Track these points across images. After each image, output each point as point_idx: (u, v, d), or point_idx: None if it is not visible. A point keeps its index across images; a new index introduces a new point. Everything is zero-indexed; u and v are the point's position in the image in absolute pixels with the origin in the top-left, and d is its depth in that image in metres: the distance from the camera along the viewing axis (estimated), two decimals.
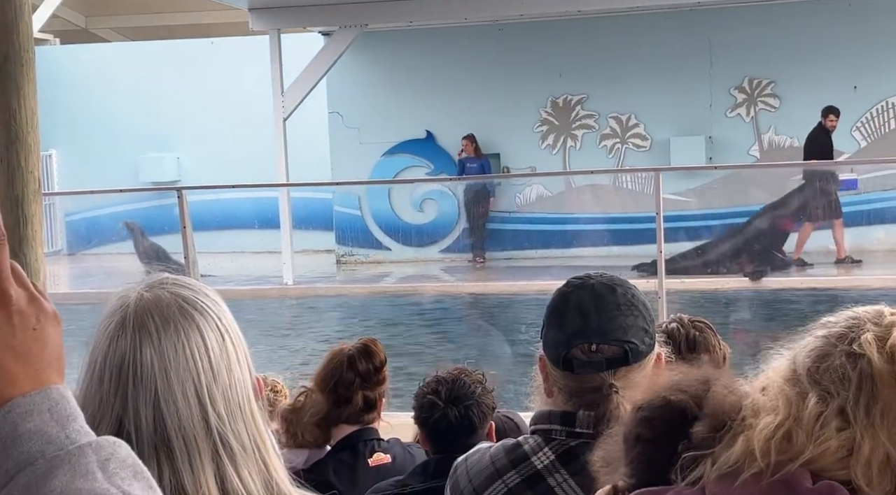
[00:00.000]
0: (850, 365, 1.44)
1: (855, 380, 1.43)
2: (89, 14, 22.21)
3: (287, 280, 15.27)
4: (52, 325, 0.91)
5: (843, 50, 15.85)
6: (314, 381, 3.70)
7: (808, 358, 1.49)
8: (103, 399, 1.45)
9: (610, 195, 16.67)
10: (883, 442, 1.40)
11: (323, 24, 16.45)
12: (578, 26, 16.39)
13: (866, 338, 1.46)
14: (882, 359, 1.43)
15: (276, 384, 5.40)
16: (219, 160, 18.08)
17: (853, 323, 1.50)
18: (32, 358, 0.88)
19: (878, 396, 1.42)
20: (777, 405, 1.48)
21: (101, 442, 0.90)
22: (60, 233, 18.75)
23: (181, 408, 1.44)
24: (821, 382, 1.46)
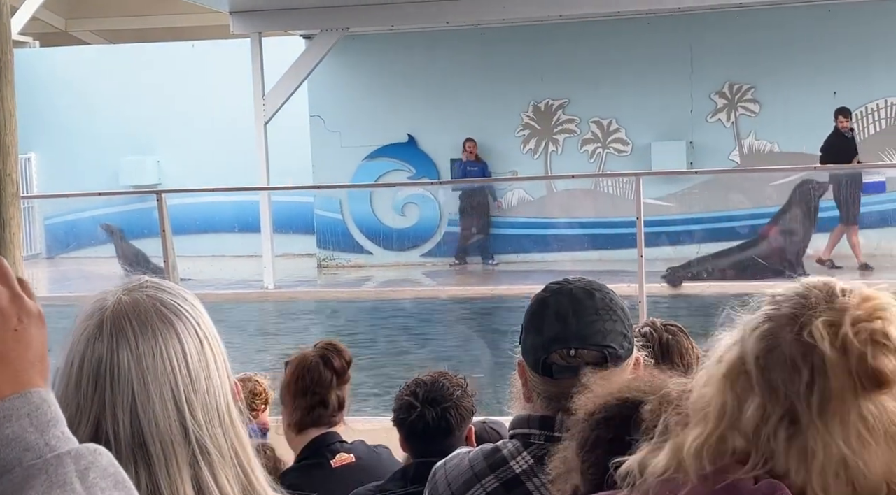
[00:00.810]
0: (801, 357, 1.30)
1: (806, 376, 1.29)
2: (69, 16, 22.12)
3: (268, 284, 15.23)
4: (35, 326, 0.89)
5: (823, 56, 15.93)
6: (283, 393, 3.67)
7: (756, 344, 1.34)
8: (80, 402, 1.45)
9: (591, 199, 16.70)
10: (838, 444, 1.26)
11: (304, 27, 16.43)
12: (560, 31, 16.42)
13: (817, 326, 1.30)
14: (835, 352, 1.28)
15: (259, 384, 5.38)
16: (199, 163, 18.02)
17: (802, 302, 1.34)
18: (13, 359, 0.87)
19: (832, 393, 1.28)
20: (711, 409, 1.36)
21: (81, 450, 0.89)
22: (39, 237, 18.66)
23: (158, 413, 1.44)
24: (769, 375, 1.32)
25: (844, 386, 1.27)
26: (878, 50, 15.79)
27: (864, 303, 1.31)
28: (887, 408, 1.27)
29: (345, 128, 17.30)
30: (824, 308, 1.32)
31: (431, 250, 17.31)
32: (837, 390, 1.27)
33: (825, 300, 1.33)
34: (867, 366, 1.26)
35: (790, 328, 1.32)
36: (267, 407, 5.42)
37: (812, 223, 14.02)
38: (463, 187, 16.80)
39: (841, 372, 1.27)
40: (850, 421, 1.27)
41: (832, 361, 1.28)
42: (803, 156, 16.07)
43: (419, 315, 13.72)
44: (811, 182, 14.12)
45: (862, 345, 1.27)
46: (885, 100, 15.69)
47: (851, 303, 1.31)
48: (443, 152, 17.21)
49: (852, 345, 1.28)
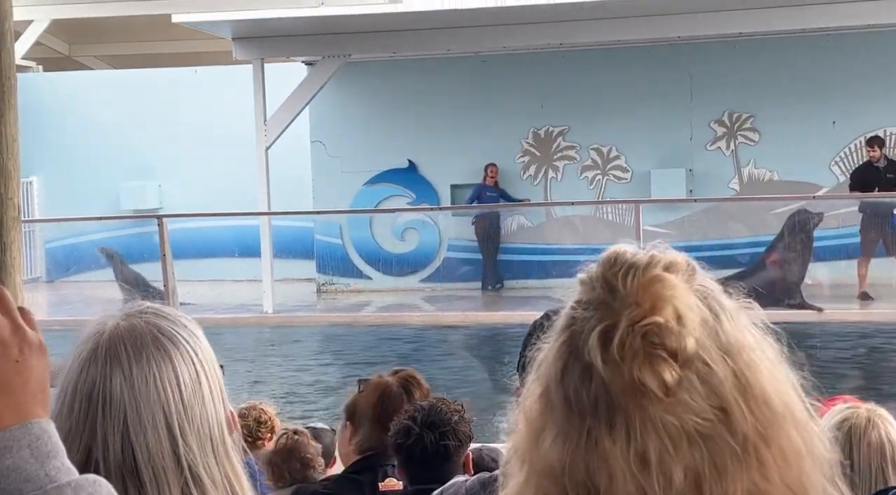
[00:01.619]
0: (585, 380, 1.17)
1: (592, 393, 1.16)
2: (73, 42, 22.20)
3: (267, 308, 15.21)
4: (36, 357, 0.89)
5: (822, 85, 15.98)
6: (363, 414, 3.66)
7: (556, 362, 1.21)
8: (73, 427, 1.44)
9: (590, 226, 16.70)
10: (630, 459, 1.14)
11: (306, 54, 16.50)
12: (560, 59, 16.48)
13: (593, 339, 1.16)
14: (609, 369, 1.15)
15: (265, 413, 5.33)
16: (201, 188, 18.05)
17: (591, 297, 1.21)
18: (14, 390, 0.86)
19: (616, 408, 1.15)
20: (524, 450, 1.24)
21: (81, 481, 0.88)
22: (40, 260, 18.66)
23: (150, 440, 1.43)
24: (568, 395, 1.18)
25: (627, 399, 1.14)
26: (877, 80, 15.83)
27: (647, 291, 1.17)
28: (685, 415, 1.14)
29: (345, 153, 17.33)
30: (605, 308, 1.18)
31: (431, 275, 17.30)
32: (621, 404, 1.15)
33: (608, 293, 1.19)
34: (635, 379, 1.13)
35: (580, 338, 1.18)
36: (273, 435, 5.37)
37: (809, 252, 14.01)
38: (479, 213, 16.71)
39: (617, 386, 1.14)
40: (641, 435, 1.14)
41: (607, 377, 1.15)
42: (803, 185, 16.11)
43: (418, 340, 13.70)
44: (806, 212, 14.11)
45: (632, 353, 1.14)
46: (884, 130, 15.71)
47: (630, 297, 1.17)
48: (443, 178, 17.23)
49: (623, 358, 1.14)
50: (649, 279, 1.19)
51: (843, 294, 14.49)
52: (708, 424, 1.14)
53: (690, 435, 1.14)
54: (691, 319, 1.16)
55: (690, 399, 1.14)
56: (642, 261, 1.21)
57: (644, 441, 1.14)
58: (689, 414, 1.14)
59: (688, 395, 1.14)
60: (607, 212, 16.62)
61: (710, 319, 1.19)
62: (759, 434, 1.16)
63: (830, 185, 16.08)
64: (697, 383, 1.15)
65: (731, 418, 1.15)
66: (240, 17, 15.88)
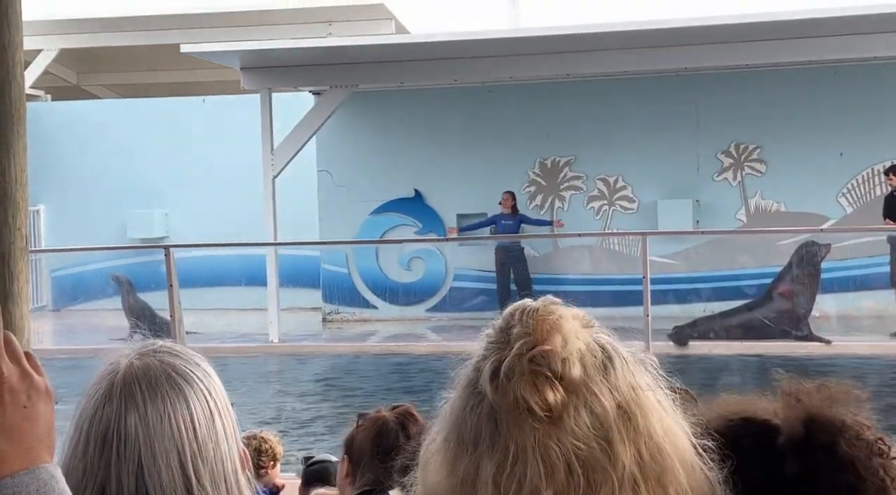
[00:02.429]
0: (475, 412, 1.23)
1: (477, 429, 1.22)
2: (81, 71, 22.34)
3: (273, 337, 15.20)
4: (43, 402, 0.89)
5: (829, 117, 16.01)
6: (361, 449, 3.67)
7: (456, 404, 1.28)
8: (87, 466, 1.44)
9: (597, 257, 16.70)
10: (499, 488, 1.18)
11: (314, 84, 16.56)
12: (567, 89, 16.53)
13: (485, 374, 1.23)
14: (497, 392, 1.21)
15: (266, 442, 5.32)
16: (207, 217, 18.08)
17: (488, 344, 1.28)
18: (23, 436, 0.86)
19: (505, 436, 1.20)
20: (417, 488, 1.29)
21: None
22: (46, 289, 18.67)
23: (164, 479, 1.42)
24: (461, 435, 1.25)
25: (512, 423, 1.20)
26: (884, 111, 15.86)
27: (539, 326, 1.24)
28: (568, 440, 1.19)
29: (352, 182, 17.38)
30: (501, 345, 1.25)
31: (437, 305, 17.29)
32: (505, 430, 1.20)
33: (503, 336, 1.26)
34: (517, 397, 1.20)
35: (475, 378, 1.26)
36: (276, 463, 5.36)
37: (816, 284, 13.97)
38: (499, 242, 16.64)
39: (506, 411, 1.20)
40: (526, 460, 1.18)
41: (496, 402, 1.21)
42: (810, 217, 16.10)
43: (424, 370, 13.66)
44: (813, 244, 14.09)
45: (518, 375, 1.20)
46: (891, 161, 15.71)
47: (524, 330, 1.25)
48: (449, 208, 17.25)
49: (509, 381, 1.20)
50: (543, 314, 1.26)
51: (850, 326, 14.44)
52: (590, 452, 1.19)
53: (570, 462, 1.18)
54: (578, 348, 1.24)
55: (575, 426, 1.20)
56: (539, 304, 1.29)
57: (523, 466, 1.18)
58: (572, 440, 1.19)
59: (573, 422, 1.20)
60: (614, 242, 16.62)
61: (601, 355, 1.26)
62: (640, 469, 1.20)
63: (838, 217, 16.08)
64: (584, 412, 1.21)
65: (613, 449, 1.20)
66: (247, 47, 16.01)
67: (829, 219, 16.06)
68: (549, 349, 1.22)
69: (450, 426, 1.27)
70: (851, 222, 15.83)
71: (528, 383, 1.20)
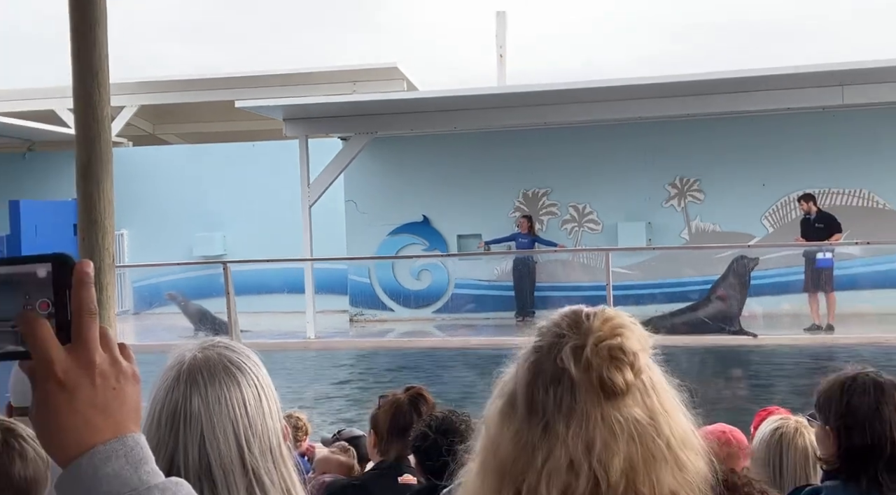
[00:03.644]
0: (555, 379, 1.23)
1: (558, 394, 1.22)
2: (156, 123, 22.41)
3: (310, 335, 15.18)
4: (130, 384, 0.90)
5: (755, 154, 16.03)
6: (381, 424, 3.65)
7: (525, 375, 1.27)
8: (159, 440, 1.44)
9: (570, 268, 16.68)
10: (577, 448, 1.18)
11: (342, 131, 16.60)
12: (544, 134, 16.56)
13: (566, 352, 1.24)
14: (579, 371, 1.22)
15: (300, 420, 5.33)
16: (257, 238, 18.10)
17: (557, 332, 1.28)
18: (112, 411, 0.87)
19: (577, 405, 1.20)
20: (488, 452, 1.25)
21: (166, 483, 0.88)
22: (129, 297, 18.67)
23: (222, 449, 1.42)
24: (532, 399, 1.24)
25: (589, 398, 1.21)
26: (798, 150, 15.89)
27: (605, 324, 1.26)
28: (629, 412, 1.20)
29: (373, 210, 17.39)
30: (573, 335, 1.26)
31: (441, 308, 17.27)
32: (582, 400, 1.20)
33: (573, 327, 1.27)
34: (604, 380, 1.20)
35: (548, 358, 1.25)
36: (307, 436, 5.36)
37: (746, 289, 13.96)
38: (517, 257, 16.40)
39: (586, 386, 1.21)
40: (593, 425, 1.19)
41: (577, 378, 1.21)
42: (740, 235, 16.10)
43: (431, 360, 13.64)
44: (744, 257, 14.07)
45: (600, 361, 1.22)
46: (803, 191, 15.74)
47: (594, 326, 1.26)
48: (451, 229, 17.25)
49: (592, 363, 1.22)
50: (607, 316, 1.28)
51: (774, 323, 14.41)
52: (641, 427, 1.20)
53: (630, 432, 1.19)
54: (641, 345, 1.26)
55: (633, 404, 1.21)
56: (597, 309, 1.31)
57: (593, 433, 1.18)
58: (632, 415, 1.20)
59: (632, 401, 1.21)
60: (583, 257, 16.61)
61: (650, 350, 1.29)
62: (680, 441, 1.22)
63: (761, 235, 16.07)
64: (638, 394, 1.22)
65: (658, 424, 1.21)
66: (289, 102, 16.05)
67: (755, 236, 16.06)
68: (624, 342, 1.24)
69: (516, 396, 1.26)
70: (772, 240, 15.82)
71: (610, 366, 1.21)
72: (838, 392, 2.40)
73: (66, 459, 0.86)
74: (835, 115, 15.33)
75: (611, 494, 1.17)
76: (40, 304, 0.87)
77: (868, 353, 11.86)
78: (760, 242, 15.82)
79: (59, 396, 0.85)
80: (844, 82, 14.13)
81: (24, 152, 19.81)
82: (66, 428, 0.86)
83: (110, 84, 4.09)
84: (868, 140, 15.68)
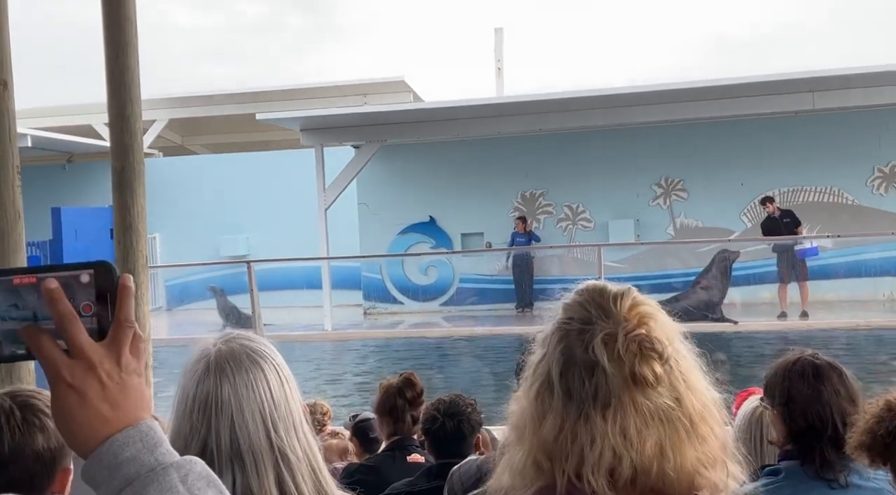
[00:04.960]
0: (588, 368, 1.20)
1: (593, 383, 1.19)
2: (185, 135, 22.42)
3: (327, 327, 15.20)
4: (134, 377, 0.91)
5: (734, 156, 15.99)
6: (379, 409, 3.67)
7: (558, 359, 1.23)
8: (192, 426, 1.45)
9: (565, 262, 16.67)
10: (614, 434, 1.16)
11: (354, 140, 16.61)
12: (540, 140, 16.54)
13: (598, 343, 1.20)
14: (612, 364, 1.19)
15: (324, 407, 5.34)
16: (278, 239, 18.11)
17: (587, 316, 1.23)
18: (121, 404, 0.88)
19: (611, 394, 1.18)
20: (527, 426, 1.23)
21: (181, 461, 0.89)
22: (161, 295, 18.71)
23: (251, 430, 1.43)
24: (567, 384, 1.21)
25: (622, 388, 1.18)
26: (773, 152, 15.86)
27: (632, 312, 1.23)
28: (658, 400, 1.18)
29: (383, 211, 17.38)
30: (602, 322, 1.22)
31: (447, 301, 17.27)
32: (616, 392, 1.18)
33: (603, 313, 1.23)
34: (635, 373, 1.18)
35: (579, 344, 1.22)
36: (329, 421, 5.37)
37: (727, 280, 13.93)
38: (516, 254, 16.28)
39: (617, 377, 1.19)
40: (628, 414, 1.17)
41: (610, 371, 1.19)
42: (720, 230, 16.07)
43: (439, 349, 13.64)
44: (727, 250, 14.04)
45: (631, 354, 1.19)
46: (779, 189, 15.72)
47: (622, 314, 1.22)
48: (455, 229, 17.24)
49: (624, 357, 1.19)
50: (633, 302, 1.24)
51: (752, 311, 14.38)
52: (669, 409, 1.19)
53: (659, 416, 1.18)
54: (667, 332, 1.23)
55: (663, 390, 1.19)
56: (624, 290, 1.26)
57: (627, 420, 1.17)
58: (661, 400, 1.19)
59: (661, 387, 1.19)
60: (577, 252, 16.59)
61: (676, 335, 1.25)
62: (700, 415, 1.20)
63: (740, 230, 16.04)
64: (666, 379, 1.20)
65: (682, 404, 1.19)
66: (305, 114, 16.05)
67: (734, 231, 16.02)
68: (651, 334, 1.21)
69: (552, 382, 1.22)
70: (750, 235, 15.78)
71: (642, 361, 1.19)
72: (780, 376, 2.36)
73: (87, 450, 0.87)
74: (807, 118, 15.29)
75: (644, 477, 1.16)
76: (83, 307, 0.88)
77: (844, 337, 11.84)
78: (739, 237, 15.78)
79: (71, 396, 0.87)
80: (815, 89, 14.10)
81: (64, 164, 19.85)
82: (81, 423, 0.87)
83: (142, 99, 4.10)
84: (837, 142, 15.63)
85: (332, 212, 15.83)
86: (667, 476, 1.16)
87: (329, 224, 15.69)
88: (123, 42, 3.96)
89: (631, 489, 1.16)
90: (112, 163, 4.10)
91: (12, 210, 3.37)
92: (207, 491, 0.89)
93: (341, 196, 15.94)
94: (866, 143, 15.54)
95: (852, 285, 15.28)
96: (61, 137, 18.32)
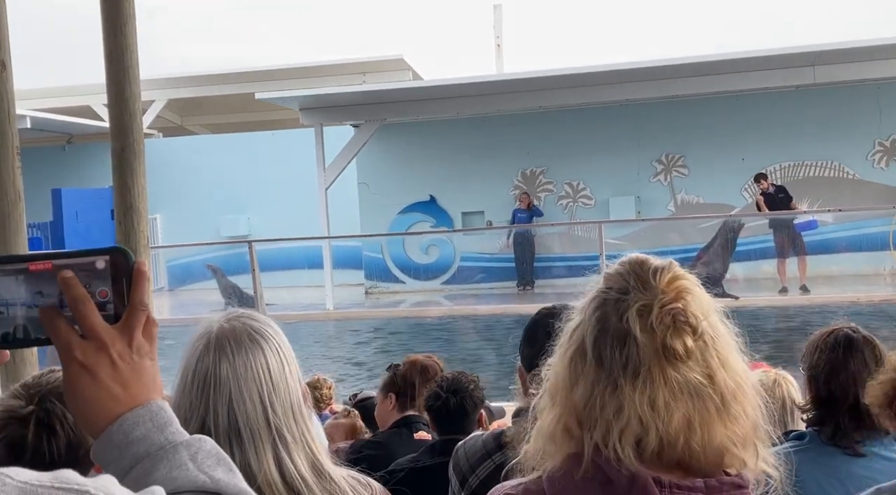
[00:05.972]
0: (621, 338, 1.18)
1: (624, 353, 1.18)
2: (184, 115, 22.35)
3: (329, 306, 15.23)
4: (147, 359, 0.91)
5: (734, 132, 15.95)
6: (385, 386, 3.73)
7: (593, 327, 1.22)
8: (191, 403, 1.46)
9: (565, 240, 16.67)
10: (643, 405, 1.15)
11: (353, 119, 16.56)
12: (541, 117, 16.49)
13: (632, 313, 1.19)
14: (645, 335, 1.17)
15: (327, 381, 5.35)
16: (279, 218, 18.10)
17: (625, 286, 1.22)
18: (133, 384, 0.89)
19: (641, 365, 1.17)
20: (559, 391, 1.23)
21: (190, 440, 0.90)
22: (163, 275, 18.74)
23: (249, 409, 1.44)
24: (600, 352, 1.20)
25: (652, 359, 1.17)
26: (772, 127, 15.81)
27: (670, 285, 1.21)
28: (689, 374, 1.17)
29: (383, 191, 17.36)
30: (640, 293, 1.20)
31: (448, 279, 17.29)
32: (647, 363, 1.17)
33: (641, 284, 1.21)
34: (667, 346, 1.17)
35: (615, 313, 1.20)
36: (332, 397, 5.38)
37: (729, 254, 13.93)
38: (517, 231, 16.22)
39: (649, 348, 1.17)
40: (656, 386, 1.16)
41: (642, 341, 1.17)
42: (721, 206, 16.05)
43: (441, 327, 13.67)
44: (732, 223, 14.05)
45: (664, 326, 1.18)
46: (779, 164, 15.69)
47: (660, 287, 1.21)
48: (456, 207, 17.22)
49: (657, 329, 1.18)
50: (673, 276, 1.23)
51: (754, 286, 14.40)
52: (700, 384, 1.17)
53: (689, 390, 1.17)
54: (703, 307, 1.22)
55: (694, 364, 1.18)
56: (665, 264, 1.25)
57: (656, 392, 1.16)
58: (691, 374, 1.17)
59: (692, 361, 1.18)
60: (578, 229, 16.59)
61: (711, 309, 1.24)
62: (732, 394, 1.19)
63: (741, 206, 16.02)
64: (698, 354, 1.18)
65: (714, 381, 1.18)
66: (304, 93, 15.98)
67: (735, 207, 16.01)
68: (687, 308, 1.19)
69: (586, 348, 1.21)
70: (751, 210, 15.77)
71: (674, 334, 1.17)
72: (814, 344, 2.44)
73: (98, 429, 0.88)
74: (807, 93, 15.22)
75: (670, 450, 1.16)
76: (100, 292, 0.89)
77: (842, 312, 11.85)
78: (739, 213, 15.77)
79: (83, 375, 0.88)
80: (815, 63, 14.03)
81: (64, 145, 19.81)
82: (92, 403, 0.88)
83: (141, 80, 4.08)
84: (838, 116, 15.58)
85: (332, 192, 15.81)
86: (693, 450, 1.16)
87: (329, 203, 15.67)
88: (121, 22, 3.94)
89: (657, 461, 1.16)
90: (112, 144, 4.09)
91: (13, 191, 3.36)
92: (217, 468, 0.90)
93: (341, 175, 15.91)
94: (867, 117, 15.49)
95: (853, 259, 15.28)
96: (61, 118, 18.26)
